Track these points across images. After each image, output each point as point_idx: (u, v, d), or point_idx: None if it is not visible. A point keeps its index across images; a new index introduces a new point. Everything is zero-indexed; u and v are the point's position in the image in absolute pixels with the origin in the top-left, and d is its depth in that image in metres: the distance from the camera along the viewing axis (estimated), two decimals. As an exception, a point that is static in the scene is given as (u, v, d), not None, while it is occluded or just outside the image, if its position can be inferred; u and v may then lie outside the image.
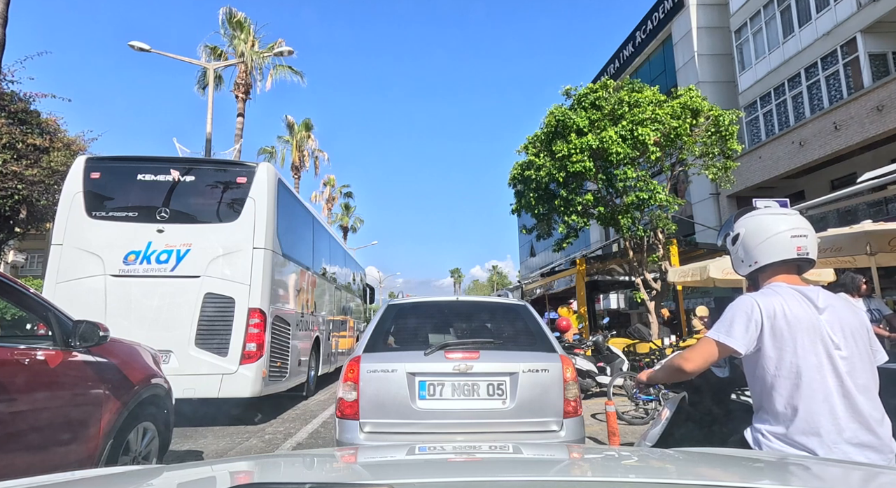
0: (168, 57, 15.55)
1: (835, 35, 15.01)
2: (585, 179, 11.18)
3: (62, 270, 6.49)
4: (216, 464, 1.62)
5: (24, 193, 12.20)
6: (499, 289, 58.08)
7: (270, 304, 6.87)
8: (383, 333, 3.93)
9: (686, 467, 1.32)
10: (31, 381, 2.73)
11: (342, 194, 46.00)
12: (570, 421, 3.48)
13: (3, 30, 11.39)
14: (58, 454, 2.82)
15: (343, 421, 3.45)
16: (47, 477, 1.21)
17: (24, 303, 3.11)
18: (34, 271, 30.03)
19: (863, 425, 1.62)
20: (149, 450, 3.67)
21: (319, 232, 10.67)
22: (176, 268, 6.58)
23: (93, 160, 7.23)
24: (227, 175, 7.19)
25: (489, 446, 1.79)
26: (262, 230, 6.86)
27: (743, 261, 1.89)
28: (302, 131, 33.99)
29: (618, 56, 26.82)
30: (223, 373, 6.33)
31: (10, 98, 12.68)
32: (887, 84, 13.25)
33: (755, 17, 18.16)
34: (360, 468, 1.41)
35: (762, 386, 1.74)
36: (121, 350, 3.55)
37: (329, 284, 11.41)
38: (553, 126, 11.18)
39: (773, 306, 1.70)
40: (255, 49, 22.35)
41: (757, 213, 1.88)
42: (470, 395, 3.46)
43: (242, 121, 22.03)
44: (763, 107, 17.87)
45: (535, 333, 3.99)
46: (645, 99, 10.85)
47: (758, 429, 1.75)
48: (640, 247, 11.87)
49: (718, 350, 1.77)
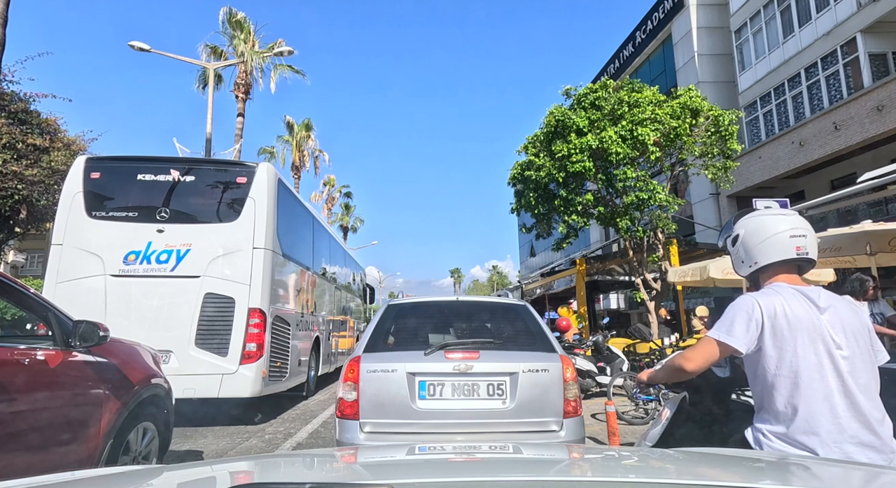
0: (168, 57, 15.57)
1: (835, 35, 15.01)
2: (585, 179, 11.18)
3: (62, 270, 6.49)
4: (216, 464, 1.62)
5: (24, 193, 12.21)
6: (499, 289, 58.06)
7: (270, 304, 6.87)
8: (383, 333, 3.93)
9: (686, 467, 1.32)
10: (31, 381, 2.73)
11: (342, 194, 46.01)
12: (570, 421, 3.48)
13: (3, 30, 11.39)
14: (58, 454, 2.82)
15: (343, 421, 3.45)
16: (47, 477, 1.21)
17: (24, 303, 3.11)
18: (34, 271, 30.03)
19: (864, 425, 1.61)
20: (149, 450, 3.67)
21: (319, 232, 10.67)
22: (176, 268, 6.58)
23: (93, 160, 7.23)
24: (227, 175, 7.19)
25: (489, 446, 1.79)
26: (262, 230, 6.86)
27: (743, 262, 1.90)
28: (302, 131, 33.97)
29: (618, 56, 26.83)
30: (223, 373, 6.33)
31: (10, 98, 12.68)
32: (887, 84, 13.25)
33: (755, 17, 18.15)
34: (360, 468, 1.41)
35: (763, 385, 1.74)
36: (121, 350, 3.55)
37: (329, 284, 11.41)
38: (553, 126, 11.19)
39: (774, 306, 1.71)
40: (256, 49, 22.36)
41: (756, 214, 1.89)
42: (470, 395, 3.46)
43: (242, 121, 22.03)
44: (763, 107, 17.86)
45: (535, 333, 3.98)
46: (645, 99, 10.85)
47: (758, 429, 1.75)
48: (640, 247, 11.87)
49: (719, 349, 1.77)
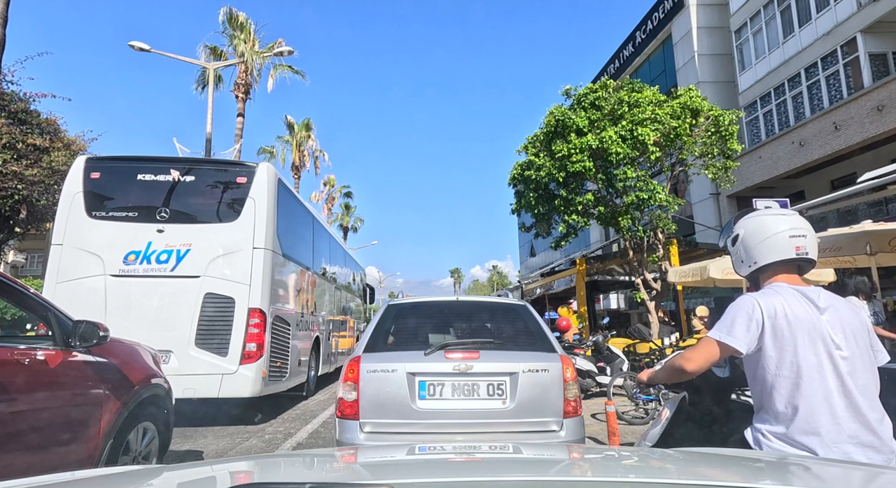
0: (168, 57, 15.57)
1: (835, 35, 15.01)
2: (585, 179, 11.18)
3: (62, 270, 6.49)
4: (216, 464, 1.62)
5: (24, 193, 12.21)
6: (499, 289, 58.07)
7: (270, 304, 6.87)
8: (383, 333, 3.93)
9: (686, 467, 1.32)
10: (31, 381, 2.73)
11: (342, 194, 46.00)
12: (570, 421, 3.48)
13: (3, 29, 11.39)
14: (58, 454, 2.82)
15: (343, 421, 3.45)
16: (47, 477, 1.21)
17: (24, 303, 3.11)
18: (34, 271, 30.05)
19: (863, 425, 1.62)
20: (149, 450, 3.67)
21: (319, 232, 10.67)
22: (176, 268, 6.58)
23: (93, 160, 7.23)
24: (227, 175, 7.19)
25: (489, 446, 1.79)
26: (262, 230, 6.86)
27: (743, 262, 1.90)
28: (302, 131, 33.96)
29: (618, 56, 26.83)
30: (223, 373, 6.33)
31: (10, 98, 12.68)
32: (887, 84, 13.25)
33: (755, 17, 18.15)
34: (360, 468, 1.41)
35: (763, 385, 1.74)
36: (121, 350, 3.55)
37: (329, 284, 11.41)
38: (553, 126, 11.18)
39: (774, 306, 1.71)
40: (256, 49, 22.34)
41: (756, 214, 1.89)
42: (470, 395, 3.46)
43: (242, 121, 22.02)
44: (763, 107, 17.86)
45: (535, 333, 3.98)
46: (645, 99, 10.85)
47: (758, 429, 1.75)
48: (640, 247, 11.87)
49: (720, 349, 1.77)
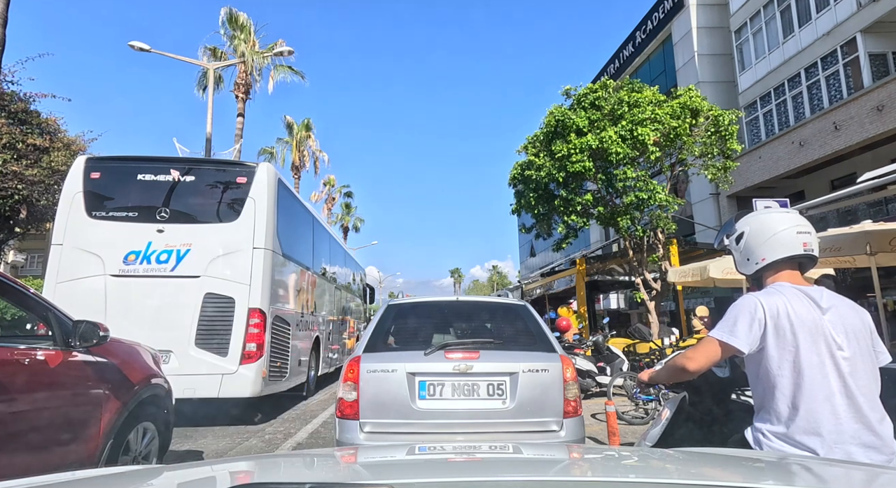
0: (168, 57, 15.55)
1: (835, 35, 15.00)
2: (585, 179, 11.19)
3: (62, 270, 6.49)
4: (216, 464, 1.62)
5: (24, 193, 12.21)
6: (499, 289, 58.07)
7: (270, 304, 6.87)
8: (383, 333, 3.93)
9: (686, 467, 1.32)
10: (31, 381, 2.73)
11: (342, 194, 45.99)
12: (570, 421, 3.48)
13: (3, 30, 11.39)
14: (58, 454, 2.82)
15: (343, 421, 3.45)
16: (47, 477, 1.20)
17: (24, 303, 3.11)
18: (34, 271, 30.04)
19: (864, 425, 1.61)
20: (149, 450, 3.67)
21: (319, 232, 10.67)
22: (176, 268, 6.58)
23: (93, 160, 7.23)
24: (227, 175, 7.19)
25: (489, 446, 1.79)
26: (262, 230, 6.86)
27: (749, 260, 1.88)
28: (302, 131, 33.96)
29: (618, 56, 26.83)
30: (223, 373, 6.33)
31: (10, 98, 12.68)
32: (887, 84, 13.25)
33: (755, 17, 18.15)
34: (360, 468, 1.41)
35: (764, 385, 1.74)
36: (121, 350, 3.55)
37: (329, 284, 11.41)
38: (553, 126, 11.19)
39: (777, 305, 1.70)
40: (256, 49, 22.34)
41: (759, 213, 1.90)
42: (470, 395, 3.46)
43: (242, 121, 22.03)
44: (763, 107, 17.86)
45: (535, 333, 3.98)
46: (645, 99, 10.85)
47: (759, 429, 1.75)
48: (640, 247, 11.87)
49: (721, 349, 1.76)
